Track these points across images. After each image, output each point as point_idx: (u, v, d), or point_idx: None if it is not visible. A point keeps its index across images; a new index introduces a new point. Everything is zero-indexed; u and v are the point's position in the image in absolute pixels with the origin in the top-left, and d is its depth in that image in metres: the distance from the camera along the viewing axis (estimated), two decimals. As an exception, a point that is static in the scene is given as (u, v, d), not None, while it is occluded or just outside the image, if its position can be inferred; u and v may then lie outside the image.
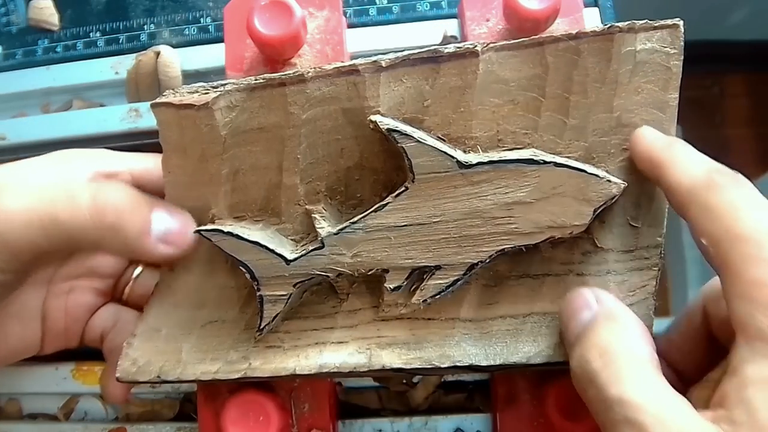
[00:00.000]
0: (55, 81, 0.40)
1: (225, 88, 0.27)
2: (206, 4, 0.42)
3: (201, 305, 0.30)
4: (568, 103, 0.27)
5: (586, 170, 0.26)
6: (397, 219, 0.27)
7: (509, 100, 0.27)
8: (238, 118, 0.28)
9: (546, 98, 0.27)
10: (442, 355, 0.28)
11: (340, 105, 0.27)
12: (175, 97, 0.28)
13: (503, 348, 0.28)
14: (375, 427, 0.34)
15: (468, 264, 0.27)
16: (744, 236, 0.20)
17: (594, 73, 0.27)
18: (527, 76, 0.27)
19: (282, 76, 0.27)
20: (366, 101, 0.27)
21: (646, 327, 0.23)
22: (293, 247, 0.29)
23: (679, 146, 0.24)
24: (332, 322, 0.29)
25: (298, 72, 0.27)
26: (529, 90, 0.27)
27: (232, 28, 0.35)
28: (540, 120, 0.27)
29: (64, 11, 0.42)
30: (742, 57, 0.89)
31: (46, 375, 0.37)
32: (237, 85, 0.27)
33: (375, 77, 0.27)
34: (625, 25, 0.26)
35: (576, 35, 0.26)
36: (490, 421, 0.34)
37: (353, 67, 0.27)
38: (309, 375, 0.28)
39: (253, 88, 0.27)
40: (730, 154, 1.26)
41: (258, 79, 0.27)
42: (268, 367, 0.29)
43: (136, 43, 0.41)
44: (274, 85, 0.27)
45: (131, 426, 0.36)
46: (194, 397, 0.35)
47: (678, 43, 0.26)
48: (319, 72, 0.27)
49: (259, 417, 0.30)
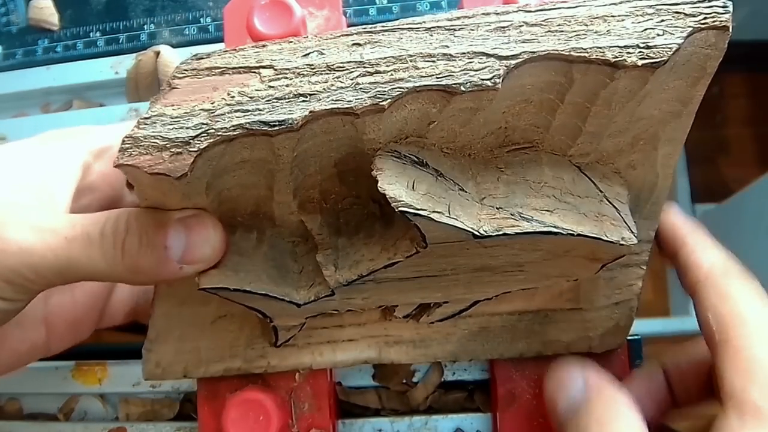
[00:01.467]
0: (55, 81, 0.40)
1: (198, 145, 0.23)
2: (206, 3, 0.42)
3: (206, 301, 0.30)
4: (588, 112, 0.25)
5: (602, 238, 0.25)
6: (407, 272, 0.26)
7: (523, 99, 0.25)
8: (219, 163, 0.24)
9: (564, 103, 0.25)
10: (444, 351, 0.31)
11: (336, 136, 0.25)
12: (142, 156, 0.23)
13: (500, 344, 0.30)
14: (375, 427, 0.34)
15: (474, 300, 0.29)
16: (749, 320, 0.23)
17: (624, 93, 0.25)
18: (547, 81, 0.24)
19: (265, 128, 0.23)
20: (365, 135, 0.24)
21: (630, 396, 0.25)
22: (297, 269, 0.27)
23: (702, 232, 0.27)
24: (340, 320, 0.31)
25: (285, 121, 0.23)
26: (546, 92, 0.25)
27: (232, 28, 0.35)
28: (554, 121, 0.26)
29: (64, 11, 0.42)
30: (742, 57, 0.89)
31: (46, 375, 0.37)
32: (213, 138, 0.23)
33: (375, 117, 0.24)
34: (670, 54, 0.23)
35: (614, 64, 0.23)
36: (491, 421, 0.34)
37: (350, 110, 0.23)
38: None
39: (231, 140, 0.23)
40: (730, 154, 1.26)
41: (237, 130, 0.23)
42: (286, 364, 0.31)
43: (136, 43, 0.41)
44: (257, 134, 0.23)
45: (131, 426, 0.36)
46: (194, 396, 0.35)
47: (721, 45, 0.24)
48: (310, 116, 0.23)
49: (259, 417, 0.30)
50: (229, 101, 0.23)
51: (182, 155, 0.23)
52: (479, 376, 0.35)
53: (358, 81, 0.23)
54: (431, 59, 0.23)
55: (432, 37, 0.24)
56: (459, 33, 0.24)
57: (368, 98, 0.23)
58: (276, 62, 0.24)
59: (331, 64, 0.24)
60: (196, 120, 0.23)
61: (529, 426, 0.31)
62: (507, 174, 0.26)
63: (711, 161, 1.26)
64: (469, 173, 0.26)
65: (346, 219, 0.27)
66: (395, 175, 0.24)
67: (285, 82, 0.24)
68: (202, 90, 0.24)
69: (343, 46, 0.24)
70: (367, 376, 0.35)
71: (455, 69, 0.23)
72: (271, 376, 0.32)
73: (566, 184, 0.26)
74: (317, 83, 0.23)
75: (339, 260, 0.26)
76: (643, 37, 0.23)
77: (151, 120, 0.23)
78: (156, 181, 0.23)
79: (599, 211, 0.25)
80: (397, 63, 0.23)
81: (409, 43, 0.24)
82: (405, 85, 0.23)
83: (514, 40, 0.24)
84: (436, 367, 0.35)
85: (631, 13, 0.24)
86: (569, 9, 0.24)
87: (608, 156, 0.27)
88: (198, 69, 0.24)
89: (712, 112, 0.98)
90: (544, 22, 0.24)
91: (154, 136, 0.23)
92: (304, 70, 0.24)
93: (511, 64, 0.23)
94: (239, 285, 0.25)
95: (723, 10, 0.23)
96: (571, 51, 0.23)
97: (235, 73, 0.24)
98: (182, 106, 0.23)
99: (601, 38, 0.23)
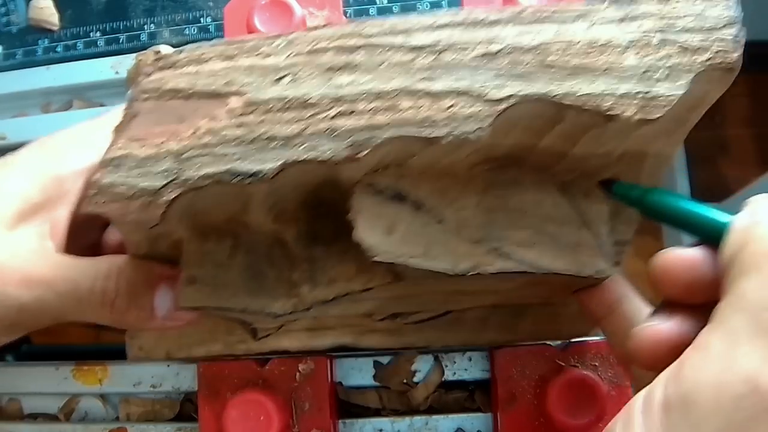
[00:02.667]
0: (55, 81, 0.40)
1: (167, 197, 0.22)
2: (206, 3, 0.42)
3: None
4: (577, 139, 0.23)
5: (578, 275, 0.24)
6: (381, 294, 0.26)
7: (510, 124, 0.22)
8: (190, 202, 0.23)
9: (553, 131, 0.23)
10: (419, 339, 0.31)
11: (312, 174, 0.23)
12: (110, 204, 0.22)
13: (472, 333, 0.31)
14: (375, 427, 0.34)
15: (449, 309, 0.30)
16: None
17: (619, 130, 0.23)
18: (537, 113, 0.22)
19: (237, 179, 0.22)
20: (341, 173, 0.23)
21: None
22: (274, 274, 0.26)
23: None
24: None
25: (257, 173, 0.21)
26: (535, 119, 0.23)
27: (233, 28, 0.34)
28: (540, 143, 0.24)
29: (65, 11, 0.42)
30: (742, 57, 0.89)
31: (46, 375, 0.37)
32: (182, 188, 0.22)
33: (353, 164, 0.22)
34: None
35: (608, 116, 0.21)
36: (491, 420, 0.34)
37: (324, 160, 0.21)
38: (301, 351, 0.32)
39: (200, 187, 0.22)
40: (730, 154, 1.26)
41: (207, 180, 0.22)
42: (266, 347, 0.31)
43: (137, 42, 0.41)
44: (226, 183, 0.22)
45: (132, 426, 0.36)
46: (195, 397, 0.35)
47: (726, 83, 0.23)
48: (282, 167, 0.22)
49: (259, 417, 0.30)
50: (196, 141, 0.22)
51: (151, 206, 0.22)
52: (480, 376, 0.35)
53: (335, 125, 0.21)
54: (413, 96, 0.21)
55: (415, 62, 0.22)
56: (446, 57, 0.22)
57: (345, 147, 0.21)
58: (246, 87, 0.22)
59: (306, 98, 0.22)
60: (163, 164, 0.22)
61: (529, 426, 0.31)
62: (488, 197, 0.24)
63: (711, 161, 1.26)
64: (450, 196, 0.24)
65: (322, 224, 0.26)
66: (372, 217, 0.23)
67: (256, 117, 0.22)
68: (167, 119, 0.22)
69: (318, 70, 0.22)
70: (368, 376, 0.35)
71: (438, 116, 0.21)
72: (272, 376, 0.32)
73: (547, 209, 0.25)
74: (290, 122, 0.22)
75: (315, 274, 0.25)
76: (644, 80, 0.21)
77: (116, 162, 0.22)
78: (127, 223, 0.23)
79: (578, 241, 0.25)
80: (377, 101, 0.21)
81: (389, 70, 0.22)
82: (384, 134, 0.21)
83: (505, 74, 0.21)
84: (436, 367, 0.35)
85: (635, 42, 0.22)
86: (567, 25, 0.22)
87: (593, 170, 0.25)
88: (162, 90, 0.23)
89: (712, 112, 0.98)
90: (539, 47, 0.22)
91: (121, 183, 0.22)
92: (277, 104, 0.22)
93: (498, 109, 0.21)
94: (218, 303, 0.25)
95: (733, 46, 0.22)
96: (564, 98, 0.21)
97: (202, 99, 0.22)
98: (147, 144, 0.22)
99: (598, 80, 0.21)
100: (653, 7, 0.22)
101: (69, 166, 0.29)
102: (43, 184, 0.28)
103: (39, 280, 0.26)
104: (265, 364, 0.32)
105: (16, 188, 0.27)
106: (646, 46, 0.22)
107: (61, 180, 0.28)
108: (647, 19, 0.22)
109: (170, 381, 0.36)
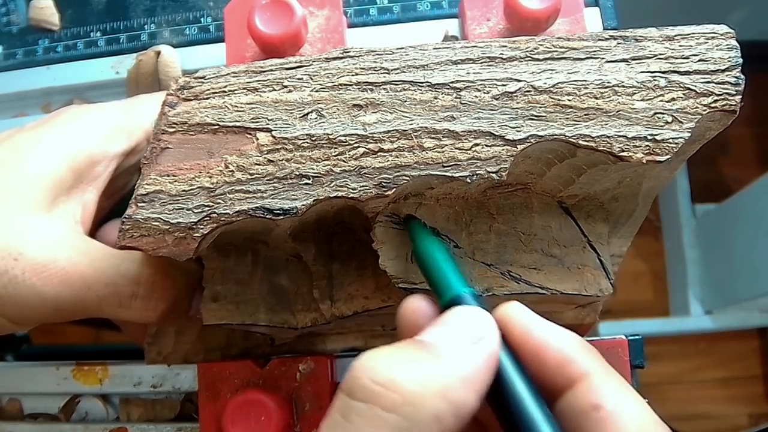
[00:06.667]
0: (55, 81, 0.40)
1: (202, 231, 0.23)
2: (207, 3, 0.42)
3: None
4: (584, 171, 0.25)
5: (581, 293, 0.25)
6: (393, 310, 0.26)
7: (525, 156, 0.24)
8: (220, 235, 0.24)
9: (563, 163, 0.24)
10: None
11: (336, 205, 0.24)
12: (144, 238, 0.23)
13: None
14: (376, 427, 0.34)
15: None
16: None
17: (623, 167, 0.24)
18: (551, 149, 0.24)
19: (270, 216, 0.22)
20: (366, 206, 0.24)
21: None
22: (293, 288, 0.27)
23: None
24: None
25: (289, 210, 0.23)
26: (547, 153, 0.24)
27: (233, 28, 0.35)
28: (549, 172, 0.25)
29: (65, 11, 0.42)
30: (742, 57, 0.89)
31: (46, 375, 0.37)
32: (216, 223, 0.23)
33: (379, 200, 0.23)
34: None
35: (620, 157, 0.23)
36: (491, 420, 0.34)
37: (354, 198, 0.23)
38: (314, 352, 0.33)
39: (233, 221, 0.23)
40: (730, 154, 1.26)
41: (240, 215, 0.22)
42: (281, 351, 0.32)
43: (137, 42, 0.41)
44: (259, 218, 0.23)
45: (132, 426, 0.36)
46: (195, 397, 0.35)
47: (725, 123, 0.24)
48: (313, 204, 0.23)
49: (260, 417, 0.30)
50: (228, 177, 0.23)
51: (186, 240, 0.23)
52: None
53: (362, 163, 0.22)
54: (436, 137, 0.23)
55: (437, 100, 0.23)
56: (466, 96, 0.23)
57: (372, 186, 0.22)
58: (272, 123, 0.23)
59: (333, 136, 0.23)
60: (196, 201, 0.23)
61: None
62: (499, 222, 0.25)
63: (711, 161, 1.26)
64: (463, 221, 0.25)
65: (338, 242, 0.27)
66: (394, 248, 0.24)
67: (285, 155, 0.23)
68: (197, 154, 0.23)
69: (343, 107, 0.23)
70: (368, 376, 0.35)
71: (462, 157, 0.22)
72: (272, 376, 0.32)
73: (553, 233, 0.26)
74: (319, 161, 0.23)
75: (334, 290, 0.26)
76: (652, 124, 0.22)
77: (149, 198, 0.23)
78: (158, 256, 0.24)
79: (581, 262, 0.26)
80: (402, 139, 0.23)
81: (412, 108, 0.23)
82: (410, 173, 0.22)
83: (522, 115, 0.23)
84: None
85: (643, 85, 0.23)
86: (579, 64, 0.23)
87: (595, 194, 0.27)
88: (189, 123, 0.23)
89: (712, 112, 0.97)
90: (554, 88, 0.23)
91: (155, 219, 0.22)
92: (305, 141, 0.23)
93: (517, 150, 0.23)
94: (241, 320, 0.26)
95: (735, 90, 0.23)
96: (579, 139, 0.23)
97: (230, 133, 0.23)
98: (178, 179, 0.23)
99: (610, 122, 0.23)
100: (659, 46, 0.23)
101: (102, 148, 0.28)
102: (76, 163, 0.27)
103: (80, 281, 0.25)
104: (266, 364, 0.32)
105: (46, 168, 0.26)
106: (655, 88, 0.23)
107: (95, 162, 0.27)
108: (654, 60, 0.23)
109: (170, 381, 0.36)
